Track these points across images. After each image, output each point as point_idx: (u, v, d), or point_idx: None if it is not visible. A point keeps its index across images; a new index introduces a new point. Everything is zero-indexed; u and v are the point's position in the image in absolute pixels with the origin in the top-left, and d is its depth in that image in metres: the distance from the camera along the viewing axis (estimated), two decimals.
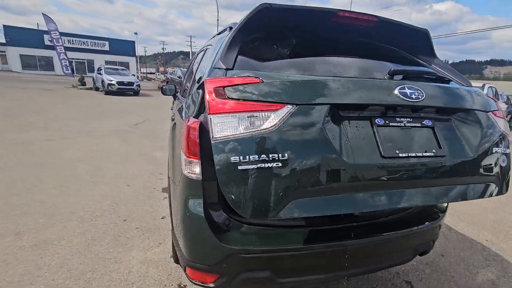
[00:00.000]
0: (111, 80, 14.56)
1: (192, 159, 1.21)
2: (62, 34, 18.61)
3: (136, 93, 15.51)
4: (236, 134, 1.03)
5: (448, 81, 1.52)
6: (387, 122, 1.22)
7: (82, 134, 5.87)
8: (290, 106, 1.07)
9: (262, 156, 1.02)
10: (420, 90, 1.26)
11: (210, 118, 1.05)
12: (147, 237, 2.42)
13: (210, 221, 1.23)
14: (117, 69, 16.91)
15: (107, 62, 34.76)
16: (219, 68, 1.23)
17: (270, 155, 1.02)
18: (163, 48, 76.54)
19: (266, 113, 1.06)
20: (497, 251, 2.52)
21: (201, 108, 1.29)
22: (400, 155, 1.19)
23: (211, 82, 1.13)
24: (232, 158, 1.02)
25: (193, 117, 1.31)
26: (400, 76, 1.38)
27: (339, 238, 1.31)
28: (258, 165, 1.02)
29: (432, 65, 1.63)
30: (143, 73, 56.30)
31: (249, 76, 1.14)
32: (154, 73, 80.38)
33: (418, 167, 1.20)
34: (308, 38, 1.51)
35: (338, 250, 1.31)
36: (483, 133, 1.35)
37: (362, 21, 1.43)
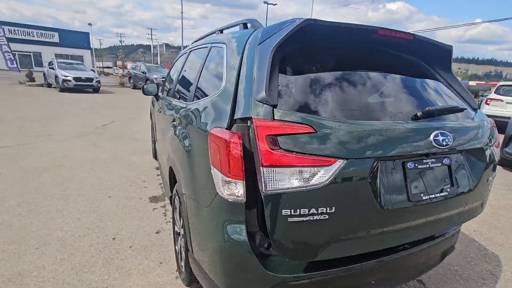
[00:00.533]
0: (67, 76, 13.22)
1: (233, 179, 1.05)
2: (2, 23, 16.45)
3: (96, 90, 14.31)
4: (288, 188, 1.01)
5: (463, 109, 1.54)
6: (416, 165, 1.24)
7: (42, 138, 5.21)
8: (341, 161, 1.05)
9: (312, 210, 1.03)
10: (449, 136, 1.29)
11: (263, 171, 1.00)
12: (144, 256, 2.17)
13: (254, 248, 1.09)
14: (71, 63, 15.41)
15: (57, 55, 31.71)
16: (264, 103, 1.06)
17: (319, 209, 1.04)
18: (120, 41, 71.91)
19: (318, 168, 1.03)
20: (485, 240, 2.70)
21: (233, 118, 1.14)
22: (423, 198, 1.24)
23: (263, 128, 1.01)
24: (283, 211, 1.02)
25: (226, 128, 1.14)
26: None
27: (385, 253, 1.26)
28: (307, 218, 1.04)
29: (449, 81, 1.64)
30: (99, 67, 52.44)
31: (300, 124, 1.04)
32: (111, 67, 75.28)
33: (434, 205, 1.28)
34: (350, 61, 1.40)
35: (384, 264, 1.26)
36: (486, 165, 1.47)
37: (398, 38, 1.37)
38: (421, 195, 1.23)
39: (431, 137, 1.24)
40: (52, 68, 14.18)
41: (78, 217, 2.66)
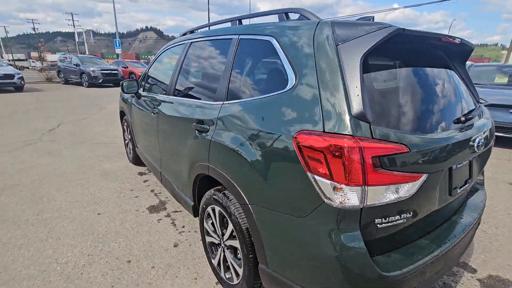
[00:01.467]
0: None
1: (351, 186, 0.99)
2: None
3: (19, 88, 12.11)
4: (382, 202, 1.07)
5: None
6: (458, 166, 1.38)
7: None
8: (425, 175, 1.14)
9: (396, 217, 1.15)
10: (482, 139, 1.45)
11: (367, 189, 1.03)
12: (174, 275, 1.96)
13: (370, 254, 1.07)
14: None
15: None
16: (361, 120, 1.03)
17: (402, 215, 1.16)
18: (34, 28, 61.54)
19: (408, 184, 1.10)
20: None
21: (324, 121, 1.08)
22: (458, 191, 1.43)
23: (369, 149, 1.01)
24: (376, 220, 1.11)
25: (324, 131, 1.07)
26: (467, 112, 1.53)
27: (453, 233, 1.42)
28: (391, 224, 1.15)
29: (463, 75, 1.78)
30: (10, 60, 44.26)
31: (398, 143, 1.06)
32: (25, 60, 64.23)
33: (460, 194, 1.50)
34: (421, 69, 1.41)
35: (456, 244, 1.36)
36: (489, 154, 1.72)
37: (449, 43, 1.44)
38: (456, 189, 1.42)
39: (475, 143, 1.40)
40: None
41: (72, 243, 2.26)
